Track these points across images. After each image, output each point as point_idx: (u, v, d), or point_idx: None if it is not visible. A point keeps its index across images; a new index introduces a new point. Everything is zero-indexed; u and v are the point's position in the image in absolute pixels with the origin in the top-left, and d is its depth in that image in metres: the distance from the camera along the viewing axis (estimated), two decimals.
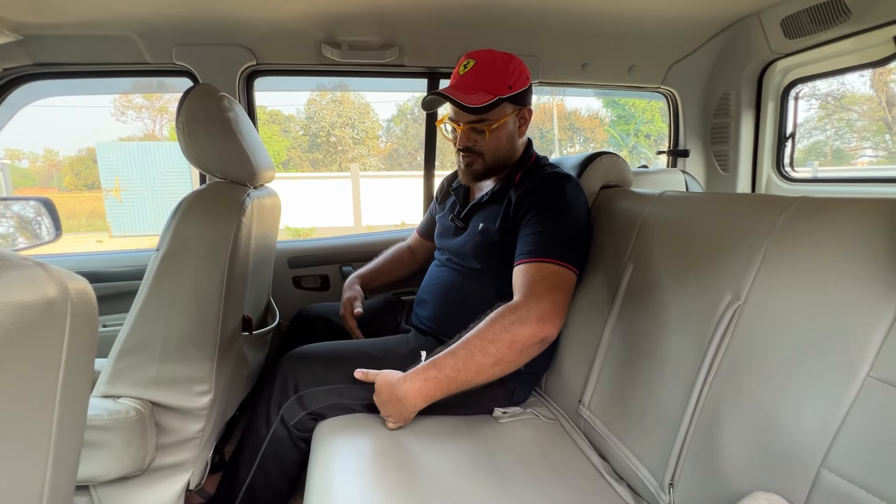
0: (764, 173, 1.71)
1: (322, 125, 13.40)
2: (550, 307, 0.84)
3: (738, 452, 0.64)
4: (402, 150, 14.61)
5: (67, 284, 0.35)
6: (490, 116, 0.99)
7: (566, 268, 0.89)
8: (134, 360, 0.83)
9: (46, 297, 0.32)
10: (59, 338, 0.35)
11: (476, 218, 1.09)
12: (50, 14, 1.12)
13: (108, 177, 8.71)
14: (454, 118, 1.03)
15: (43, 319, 0.32)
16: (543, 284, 0.86)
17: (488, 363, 0.83)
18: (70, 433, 0.39)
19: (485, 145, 1.02)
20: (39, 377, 0.34)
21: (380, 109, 13.80)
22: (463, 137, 1.03)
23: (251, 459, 0.97)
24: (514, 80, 0.99)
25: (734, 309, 0.69)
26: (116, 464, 0.79)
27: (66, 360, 0.36)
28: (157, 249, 0.84)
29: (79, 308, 0.36)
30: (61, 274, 0.35)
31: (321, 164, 13.44)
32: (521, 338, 0.83)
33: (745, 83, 1.62)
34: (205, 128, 0.90)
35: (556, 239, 0.91)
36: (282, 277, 1.54)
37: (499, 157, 1.05)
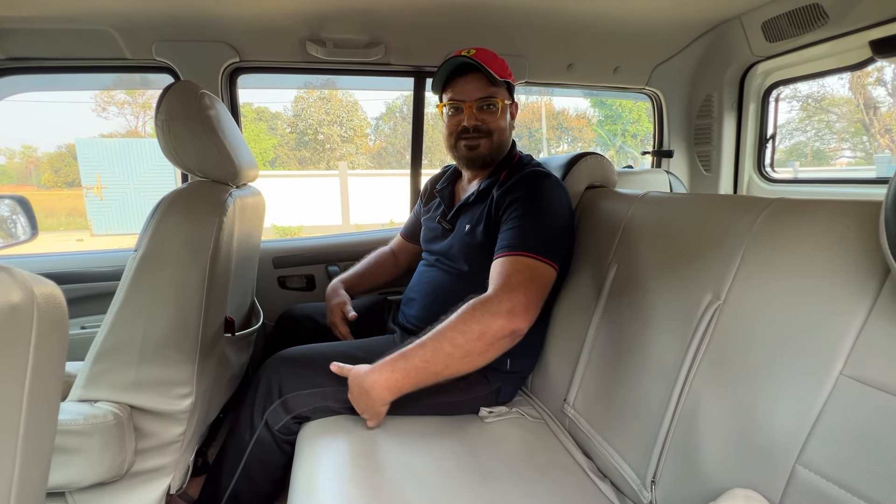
0: (745, 174, 1.74)
1: (310, 123, 13.28)
2: (522, 300, 0.83)
3: (717, 449, 0.65)
4: (391, 148, 14.55)
5: (33, 289, 0.34)
6: (499, 94, 1.03)
7: (543, 262, 0.89)
8: (112, 362, 0.81)
9: (10, 302, 0.31)
10: (25, 344, 0.33)
11: (463, 219, 1.09)
12: (22, 7, 1.09)
13: (89, 174, 8.52)
14: (458, 97, 1.03)
15: (6, 327, 0.31)
16: (516, 277, 0.86)
17: (457, 355, 0.82)
18: (38, 441, 0.38)
19: (493, 123, 1.04)
20: (3, 385, 0.33)
21: (368, 107, 13.72)
22: (471, 116, 1.03)
23: (235, 465, 0.95)
24: (508, 73, 1.05)
25: (714, 308, 0.70)
26: (93, 469, 0.78)
27: (33, 366, 0.35)
28: (135, 250, 0.82)
29: (46, 313, 0.35)
30: (26, 278, 0.34)
31: (309, 162, 13.32)
32: (490, 330, 0.81)
33: (727, 85, 1.64)
34: (185, 126, 0.88)
35: (534, 233, 0.92)
36: (266, 277, 1.52)
37: (503, 140, 1.07)
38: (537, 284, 0.88)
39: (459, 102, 1.03)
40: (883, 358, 0.50)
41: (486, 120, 1.03)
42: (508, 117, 1.08)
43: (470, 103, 1.02)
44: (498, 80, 1.00)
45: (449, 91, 1.05)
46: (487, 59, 1.01)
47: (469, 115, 1.03)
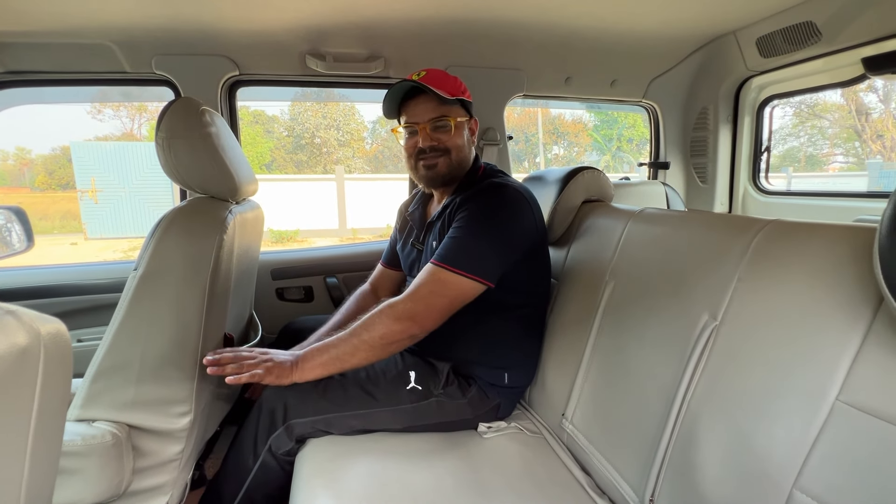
0: (741, 185, 1.76)
1: (306, 126, 13.28)
2: (423, 309, 0.92)
3: (715, 470, 0.65)
4: (388, 152, 14.56)
5: (40, 329, 0.34)
6: (451, 113, 1.04)
7: (461, 275, 0.92)
8: (110, 381, 0.81)
9: (18, 346, 0.31)
10: (32, 385, 0.34)
11: (430, 237, 1.10)
12: (22, 22, 1.09)
13: (84, 177, 8.47)
14: (411, 120, 1.05)
15: (14, 370, 0.31)
16: (426, 288, 0.93)
17: (363, 349, 0.92)
18: (43, 472, 0.38)
19: (449, 141, 1.04)
20: (10, 426, 0.33)
21: (365, 111, 13.73)
22: (426, 137, 1.04)
23: (236, 488, 0.94)
24: (462, 90, 1.06)
25: (711, 329, 0.70)
26: (91, 490, 0.77)
27: (39, 405, 0.35)
28: (135, 268, 0.82)
29: (52, 352, 0.35)
30: (33, 319, 0.34)
31: (305, 166, 13.31)
32: (391, 333, 0.91)
33: (722, 98, 1.66)
34: (186, 143, 0.88)
35: (463, 247, 0.94)
36: (264, 290, 1.51)
37: (461, 157, 1.07)
38: (444, 298, 0.93)
39: (413, 125, 1.05)
40: (878, 385, 0.51)
41: (441, 139, 1.04)
42: (467, 133, 1.09)
43: (423, 124, 1.03)
44: (448, 99, 1.01)
45: (403, 115, 1.07)
46: (437, 80, 1.02)
47: (424, 136, 1.04)
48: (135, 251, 8.05)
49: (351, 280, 1.57)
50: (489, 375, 1.04)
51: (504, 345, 1.03)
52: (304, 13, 1.17)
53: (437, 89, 1.00)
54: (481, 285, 0.93)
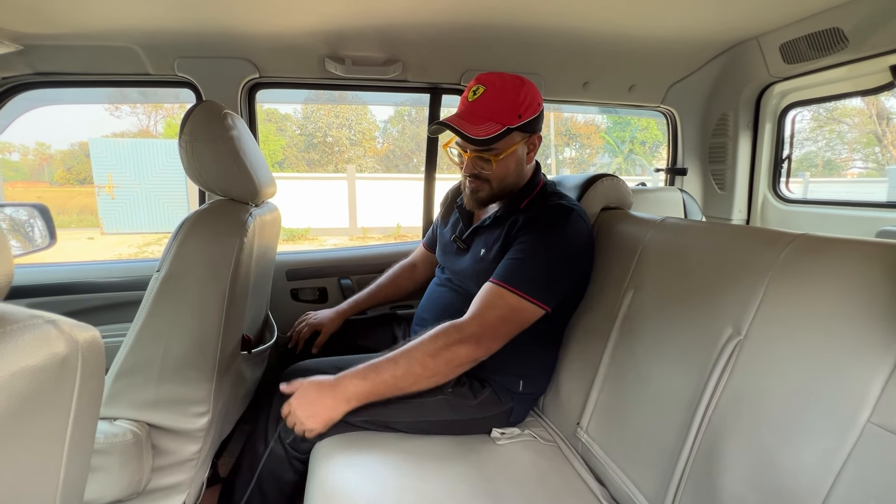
0: (760, 193, 1.73)
1: (319, 125, 13.38)
2: (490, 334, 0.89)
3: (737, 487, 0.64)
4: (399, 151, 14.60)
5: (78, 338, 0.35)
6: (497, 146, 0.97)
7: (529, 301, 0.89)
8: (132, 381, 0.83)
9: (59, 355, 0.32)
10: (70, 391, 0.34)
11: (478, 242, 1.08)
12: (51, 25, 1.11)
13: (101, 173, 8.62)
14: (461, 144, 1.01)
15: (55, 378, 0.32)
16: (493, 312, 0.90)
17: (425, 375, 0.87)
18: (76, 475, 0.39)
19: (491, 173, 1.01)
20: (50, 431, 0.34)
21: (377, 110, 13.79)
22: (469, 164, 1.01)
23: (248, 477, 0.96)
24: (524, 107, 0.96)
25: (735, 343, 0.69)
26: (112, 487, 0.78)
27: (76, 409, 0.36)
28: (157, 270, 0.83)
29: (88, 359, 0.36)
30: (72, 328, 0.35)
31: (317, 165, 13.40)
32: (457, 357, 0.88)
33: (743, 105, 1.64)
34: (208, 147, 0.89)
35: (531, 271, 0.91)
36: (280, 290, 1.53)
37: (506, 185, 1.03)
38: (512, 324, 0.90)
39: (461, 149, 1.02)
40: None
41: (485, 168, 1.00)
42: (522, 154, 1.02)
43: (469, 153, 1.00)
44: (492, 138, 0.93)
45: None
46: (491, 103, 0.94)
47: (468, 163, 1.01)
48: (149, 246, 8.20)
49: (365, 281, 1.57)
50: (504, 381, 1.04)
51: (523, 353, 1.02)
52: (324, 17, 1.18)
53: (486, 120, 0.93)
54: (543, 311, 0.92)
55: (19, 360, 0.28)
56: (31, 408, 0.30)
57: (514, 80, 0.97)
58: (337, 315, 1.28)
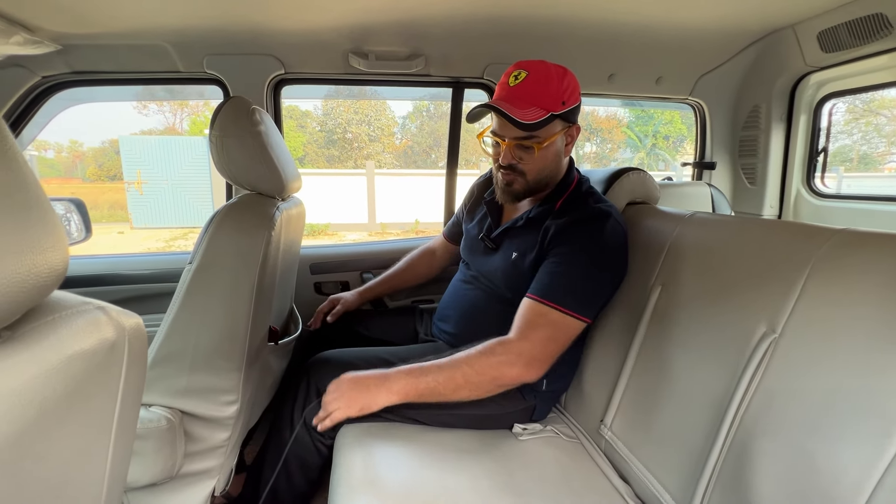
0: (793, 188, 1.67)
1: (339, 122, 13.50)
2: (540, 355, 0.87)
3: (770, 488, 0.62)
4: (417, 147, 14.63)
5: (124, 324, 0.36)
6: (540, 134, 0.92)
7: (573, 317, 0.88)
8: (166, 369, 0.85)
9: (108, 340, 0.33)
10: (118, 375, 0.36)
11: (509, 243, 1.04)
12: (88, 25, 1.15)
13: (131, 169, 8.91)
14: (498, 132, 0.96)
15: (105, 362, 0.33)
16: (541, 332, 0.87)
17: (467, 388, 0.87)
18: (122, 451, 0.40)
19: (530, 164, 0.96)
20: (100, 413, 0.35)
21: (396, 106, 13.84)
22: (507, 154, 0.96)
23: (275, 462, 0.99)
24: (567, 95, 0.92)
25: (769, 341, 0.67)
26: (147, 470, 0.81)
27: (123, 392, 0.37)
28: (189, 262, 0.86)
29: (134, 344, 0.37)
30: (119, 314, 0.36)
31: (337, 161, 13.54)
32: (504, 377, 0.86)
33: (776, 96, 1.58)
34: (237, 142, 0.91)
35: (573, 284, 0.89)
36: (304, 283, 1.55)
37: (542, 178, 0.99)
38: (559, 342, 0.89)
39: (498, 138, 0.97)
40: None
41: (523, 158, 0.96)
42: (560, 145, 0.98)
43: (508, 141, 0.95)
44: (538, 122, 0.90)
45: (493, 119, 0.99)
46: (534, 89, 0.90)
47: (505, 152, 0.96)
48: (175, 241, 8.44)
49: None
50: None
51: None
52: (348, 12, 1.19)
53: (530, 105, 0.90)
54: (585, 324, 0.91)
55: (74, 344, 0.30)
56: (84, 390, 0.31)
57: (557, 68, 0.94)
58: (356, 294, 1.31)
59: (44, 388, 0.27)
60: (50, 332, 0.28)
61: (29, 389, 0.26)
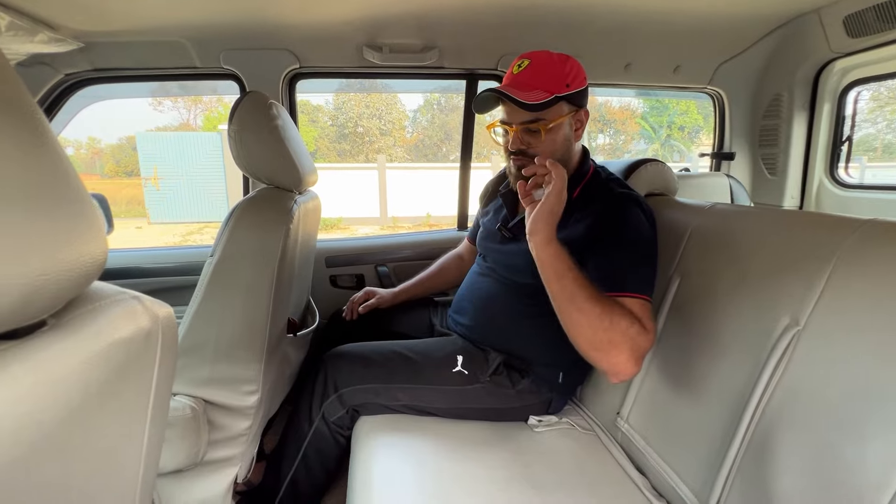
0: (815, 178, 1.63)
1: (350, 116, 13.52)
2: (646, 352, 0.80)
3: (793, 481, 0.62)
4: (428, 141, 14.59)
5: (157, 313, 0.37)
6: (545, 116, 0.93)
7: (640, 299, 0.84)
8: (189, 359, 0.87)
9: (144, 328, 0.34)
10: (152, 363, 0.37)
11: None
12: (109, 22, 1.17)
13: (147, 165, 9.05)
14: (506, 120, 0.97)
15: (141, 350, 0.34)
16: (651, 322, 0.81)
17: (575, 320, 0.80)
18: (156, 437, 0.42)
19: (539, 147, 0.95)
20: (137, 398, 0.36)
21: (406, 100, 13.80)
22: (516, 139, 0.96)
23: (294, 454, 1.01)
24: (571, 78, 0.93)
25: (792, 334, 0.66)
26: (174, 457, 0.84)
27: (157, 380, 0.38)
28: (211, 255, 0.88)
29: (166, 333, 0.38)
30: (152, 303, 0.37)
31: (348, 155, 13.58)
32: (616, 351, 0.77)
33: (799, 84, 1.54)
34: (255, 136, 0.92)
35: (639, 272, 0.86)
36: (320, 276, 1.57)
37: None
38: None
39: (505, 125, 0.98)
40: None
41: (532, 143, 0.95)
42: (568, 130, 0.98)
43: (515, 126, 0.95)
44: (543, 103, 0.90)
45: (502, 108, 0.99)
46: (538, 73, 0.92)
47: (514, 138, 0.96)
48: (191, 235, 8.58)
49: (401, 269, 1.60)
50: (544, 373, 1.03)
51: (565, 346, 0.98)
52: (363, 5, 1.19)
53: (534, 88, 0.90)
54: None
55: (113, 332, 0.31)
56: (123, 377, 0.32)
57: (560, 55, 0.95)
58: (391, 294, 1.32)
59: (88, 374, 0.28)
60: (91, 320, 0.29)
61: (75, 374, 0.27)
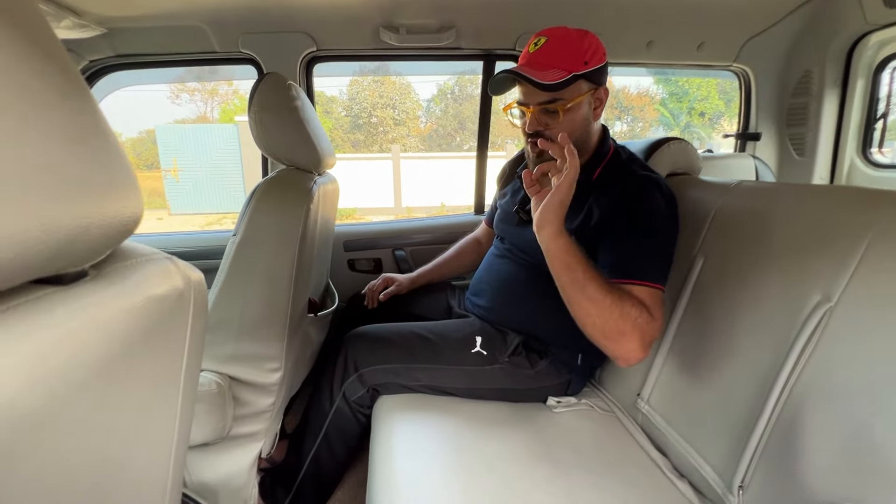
0: (846, 158, 1.57)
1: (364, 106, 13.51)
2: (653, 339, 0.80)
3: (824, 460, 0.61)
4: (442, 131, 14.51)
5: (190, 275, 0.38)
6: (564, 95, 0.90)
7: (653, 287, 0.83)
8: (214, 337, 0.90)
9: (177, 289, 0.35)
10: (185, 325, 0.38)
11: None
12: (131, 7, 1.19)
13: (167, 157, 9.22)
14: (523, 101, 0.95)
15: (175, 309, 0.35)
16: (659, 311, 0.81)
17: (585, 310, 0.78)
18: (189, 400, 0.43)
19: (557, 128, 0.92)
20: (171, 361, 0.37)
21: (420, 89, 13.72)
22: (533, 121, 0.93)
23: (316, 432, 1.03)
24: (589, 55, 0.90)
25: (824, 311, 0.64)
26: (201, 430, 0.87)
27: (189, 341, 0.39)
28: (234, 234, 0.89)
29: (198, 297, 0.39)
30: (184, 266, 0.38)
31: (362, 145, 13.60)
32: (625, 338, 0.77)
33: (831, 59, 1.47)
34: (275, 116, 0.93)
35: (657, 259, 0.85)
36: (338, 260, 1.59)
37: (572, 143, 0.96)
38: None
39: (522, 107, 0.95)
40: None
41: (549, 124, 0.93)
42: (587, 109, 0.95)
43: (532, 107, 0.92)
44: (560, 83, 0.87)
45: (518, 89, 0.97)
46: (555, 50, 0.89)
47: (532, 120, 0.93)
48: (210, 226, 8.74)
49: (418, 253, 1.60)
50: (563, 354, 1.03)
51: None
52: None
53: (551, 67, 0.87)
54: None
55: (149, 287, 0.31)
56: (157, 336, 0.33)
57: (577, 31, 0.92)
58: (408, 279, 1.32)
59: (127, 324, 0.29)
60: (130, 274, 0.30)
61: (115, 322, 0.27)
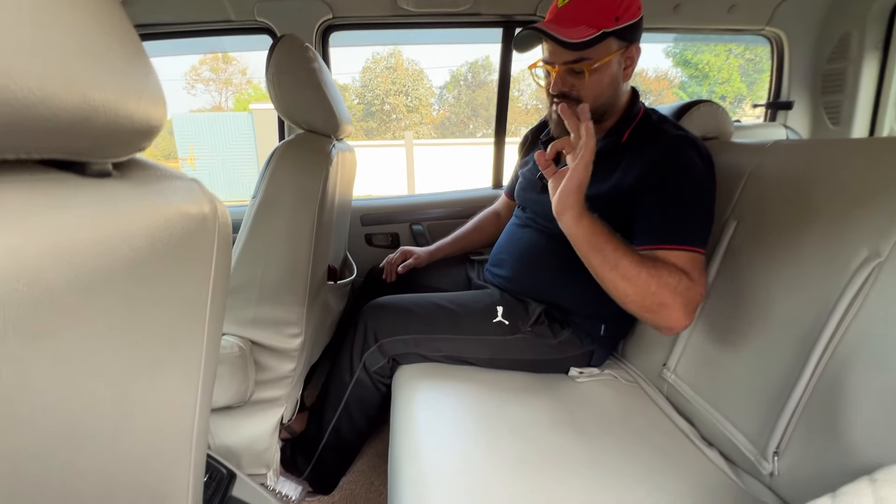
0: (885, 127, 1.49)
1: (377, 93, 13.45)
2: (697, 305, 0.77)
3: (865, 429, 0.58)
4: (454, 118, 14.38)
5: (216, 202, 0.36)
6: (591, 55, 0.84)
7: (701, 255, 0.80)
8: (235, 300, 0.89)
9: (202, 211, 0.34)
10: (210, 251, 0.36)
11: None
12: None
13: (184, 146, 9.34)
14: (549, 59, 0.89)
15: (200, 231, 0.34)
16: (701, 275, 0.78)
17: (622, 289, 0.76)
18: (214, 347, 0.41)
19: (583, 90, 0.88)
20: (196, 286, 0.36)
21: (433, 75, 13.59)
22: (558, 81, 0.88)
23: (336, 403, 1.03)
24: (622, 10, 0.83)
25: (872, 266, 0.61)
26: (224, 393, 0.87)
27: (214, 272, 0.38)
28: (253, 196, 0.88)
29: (223, 226, 0.37)
30: (210, 193, 0.36)
31: (375, 133, 13.57)
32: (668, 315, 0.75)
33: (871, 20, 1.39)
34: (292, 78, 0.91)
35: (697, 222, 0.81)
36: (355, 234, 1.58)
37: (598, 105, 0.91)
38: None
39: (547, 66, 0.90)
40: None
41: (575, 85, 0.87)
42: (616, 68, 0.89)
43: (558, 67, 0.87)
44: (587, 41, 0.81)
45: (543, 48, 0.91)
46: (587, 3, 0.83)
47: (556, 80, 0.88)
48: None
49: (435, 228, 1.59)
50: (586, 324, 1.01)
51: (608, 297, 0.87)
52: None
53: (578, 24, 0.82)
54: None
55: (175, 199, 0.30)
56: (183, 254, 0.32)
57: None
58: (427, 252, 1.30)
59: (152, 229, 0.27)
60: (154, 183, 0.29)
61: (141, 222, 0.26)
